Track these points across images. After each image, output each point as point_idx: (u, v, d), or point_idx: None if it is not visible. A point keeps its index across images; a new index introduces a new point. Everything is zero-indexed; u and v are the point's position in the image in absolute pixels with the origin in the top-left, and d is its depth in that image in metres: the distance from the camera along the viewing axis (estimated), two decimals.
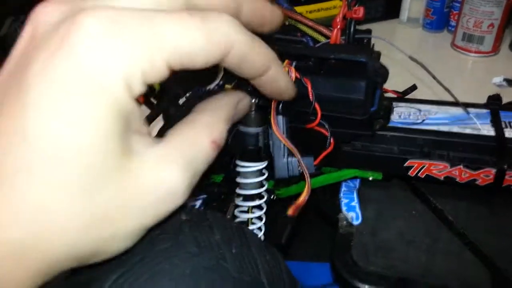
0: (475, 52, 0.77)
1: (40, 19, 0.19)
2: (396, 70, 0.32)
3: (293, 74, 0.27)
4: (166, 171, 0.19)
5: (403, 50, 0.29)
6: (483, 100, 0.38)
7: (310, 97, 0.28)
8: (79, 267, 0.20)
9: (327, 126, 0.30)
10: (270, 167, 0.33)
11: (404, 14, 0.87)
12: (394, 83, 0.37)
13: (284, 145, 0.30)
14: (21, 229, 0.17)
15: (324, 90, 0.29)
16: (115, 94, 0.17)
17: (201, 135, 0.22)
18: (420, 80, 0.41)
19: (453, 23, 0.82)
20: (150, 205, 0.19)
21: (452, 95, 0.30)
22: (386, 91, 0.40)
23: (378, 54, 0.31)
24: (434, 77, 0.29)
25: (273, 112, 0.28)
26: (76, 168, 0.17)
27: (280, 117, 0.30)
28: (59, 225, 0.17)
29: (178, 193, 0.20)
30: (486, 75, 0.71)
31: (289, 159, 0.30)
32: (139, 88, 0.18)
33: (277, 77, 0.23)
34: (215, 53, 0.19)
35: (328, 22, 0.32)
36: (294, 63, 0.28)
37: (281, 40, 0.31)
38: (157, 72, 0.18)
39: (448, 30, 0.85)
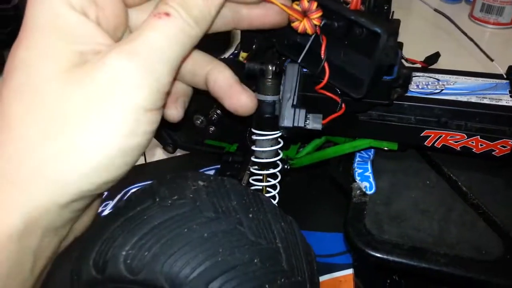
0: (494, 24, 0.75)
1: None
2: (413, 40, 0.31)
3: (308, 26, 0.26)
4: (110, 63, 0.20)
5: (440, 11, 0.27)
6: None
7: (322, 55, 0.27)
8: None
9: (339, 92, 0.29)
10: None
11: None
12: (413, 52, 0.37)
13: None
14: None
15: (335, 57, 0.28)
16: (54, 9, 0.20)
17: (149, 16, 0.21)
18: (441, 49, 0.40)
19: None
20: (112, 96, 0.20)
21: (485, 52, 0.28)
22: (409, 60, 0.39)
23: (398, 23, 0.31)
24: (471, 39, 0.28)
25: None
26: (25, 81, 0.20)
27: (296, 66, 0.29)
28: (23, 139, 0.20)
29: (130, 78, 0.20)
30: (505, 47, 0.70)
31: (297, 109, 0.29)
32: None
33: None
34: None
35: None
36: (323, 21, 0.27)
37: None
38: None
39: (466, 1, 0.83)
